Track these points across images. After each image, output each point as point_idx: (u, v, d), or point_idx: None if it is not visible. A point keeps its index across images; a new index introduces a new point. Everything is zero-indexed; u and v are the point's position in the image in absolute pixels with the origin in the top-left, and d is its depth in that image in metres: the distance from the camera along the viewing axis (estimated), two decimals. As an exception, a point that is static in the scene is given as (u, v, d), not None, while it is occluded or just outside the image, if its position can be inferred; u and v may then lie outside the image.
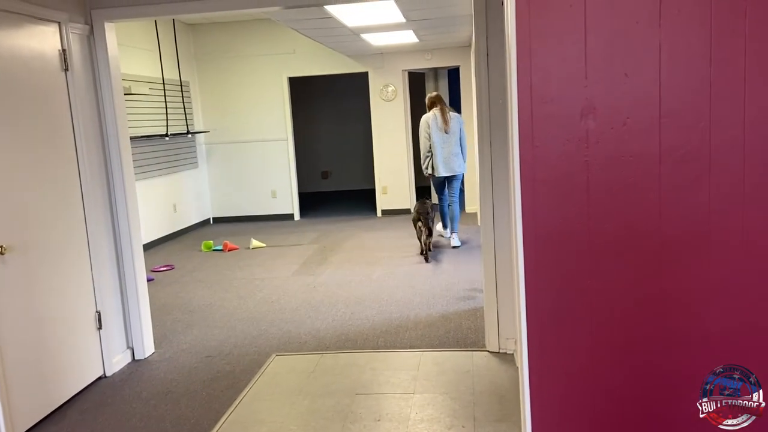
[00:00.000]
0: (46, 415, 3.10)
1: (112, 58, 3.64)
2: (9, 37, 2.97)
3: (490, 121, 3.43)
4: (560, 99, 1.78)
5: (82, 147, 3.43)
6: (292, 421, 2.95)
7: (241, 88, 8.61)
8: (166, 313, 4.73)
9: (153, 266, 6.18)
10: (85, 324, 3.43)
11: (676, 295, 1.80)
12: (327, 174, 11.70)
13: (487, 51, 3.37)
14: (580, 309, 1.85)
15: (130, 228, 3.76)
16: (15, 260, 2.92)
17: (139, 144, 6.83)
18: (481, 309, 4.35)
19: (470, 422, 2.84)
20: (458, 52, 8.34)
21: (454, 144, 6.39)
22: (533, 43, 1.77)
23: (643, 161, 1.76)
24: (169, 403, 3.23)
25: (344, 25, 5.75)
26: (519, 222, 1.86)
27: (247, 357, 3.78)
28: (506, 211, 3.43)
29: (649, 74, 1.74)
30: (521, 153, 1.82)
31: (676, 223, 1.77)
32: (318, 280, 5.46)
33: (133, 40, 6.97)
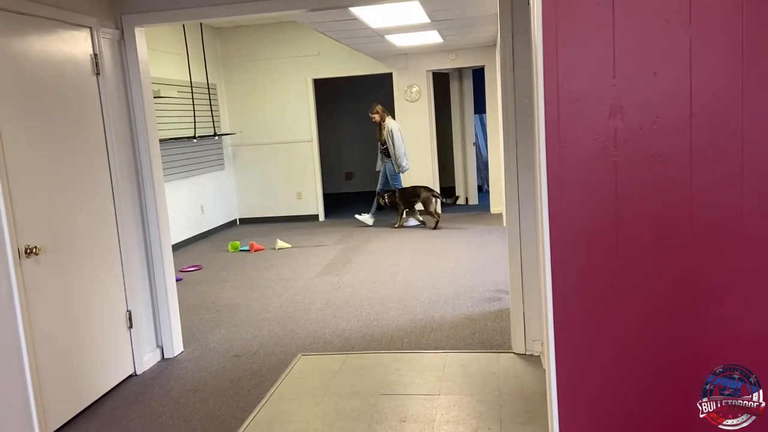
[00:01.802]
0: (79, 412, 3.17)
1: (142, 62, 3.71)
2: (42, 42, 3.04)
3: (515, 121, 3.41)
4: (587, 98, 1.76)
5: (113, 149, 3.50)
6: (318, 420, 2.97)
7: (266, 91, 8.69)
8: (194, 313, 4.79)
9: (181, 266, 6.27)
10: (116, 323, 3.50)
11: (708, 297, 1.77)
12: (351, 175, 11.73)
13: (513, 50, 3.36)
14: (607, 310, 1.83)
15: (160, 229, 3.83)
16: (48, 260, 2.99)
17: (168, 146, 6.95)
18: (506, 310, 4.32)
19: (496, 424, 2.83)
20: (483, 51, 8.30)
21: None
22: (560, 42, 1.76)
23: (672, 161, 1.74)
24: (197, 401, 3.28)
25: (368, 26, 5.77)
26: (546, 222, 1.85)
27: (273, 356, 3.82)
28: (532, 212, 3.40)
29: (678, 72, 1.71)
30: (548, 153, 1.81)
31: (708, 225, 1.74)
32: (343, 280, 5.49)
33: (162, 44, 7.09)
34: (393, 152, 7.80)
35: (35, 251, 2.87)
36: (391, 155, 7.82)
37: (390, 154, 7.84)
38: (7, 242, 2.72)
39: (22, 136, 2.88)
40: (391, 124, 7.81)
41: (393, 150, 7.79)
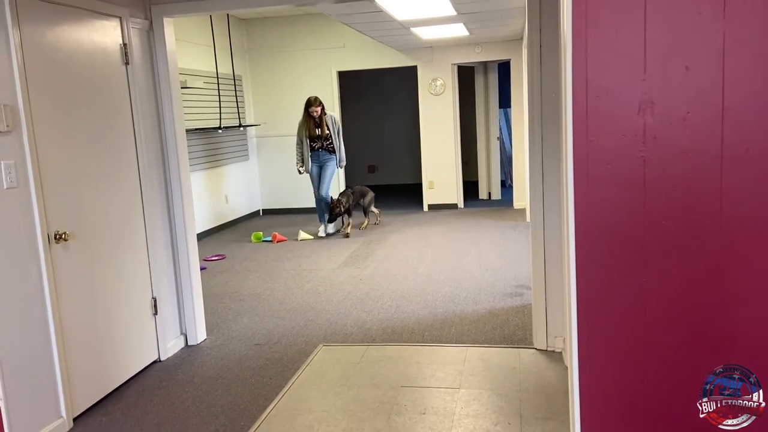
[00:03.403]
0: (105, 395, 3.24)
1: (170, 53, 3.75)
2: (74, 31, 3.10)
3: (541, 116, 3.38)
4: (617, 93, 1.74)
5: (141, 139, 3.55)
6: (338, 410, 2.99)
7: (291, 82, 8.73)
8: (218, 302, 4.85)
9: (205, 255, 6.35)
10: (142, 309, 3.56)
11: (736, 297, 1.74)
12: (374, 168, 11.74)
13: (541, 44, 3.32)
14: (632, 308, 1.81)
15: (185, 218, 3.88)
16: (77, 247, 3.05)
17: (193, 136, 7.03)
18: (528, 306, 4.30)
19: (516, 419, 2.82)
20: (509, 45, 8.22)
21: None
22: (590, 35, 1.74)
23: (703, 157, 1.71)
24: (220, 388, 3.32)
25: (394, 18, 5.75)
26: (571, 218, 1.83)
27: (294, 346, 3.85)
28: (556, 208, 3.37)
29: (711, 67, 1.68)
30: (575, 148, 1.79)
31: (739, 223, 1.71)
32: (364, 273, 5.51)
33: (189, 35, 7.15)
34: (339, 146, 7.01)
35: (64, 237, 2.93)
36: (337, 150, 6.99)
37: (335, 150, 6.99)
38: (38, 228, 2.78)
39: (54, 124, 2.94)
40: (332, 114, 7.06)
41: (340, 144, 7.01)
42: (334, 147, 6.96)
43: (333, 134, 6.92)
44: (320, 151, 6.95)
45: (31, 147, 2.75)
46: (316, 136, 6.89)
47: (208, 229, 7.58)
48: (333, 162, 7.02)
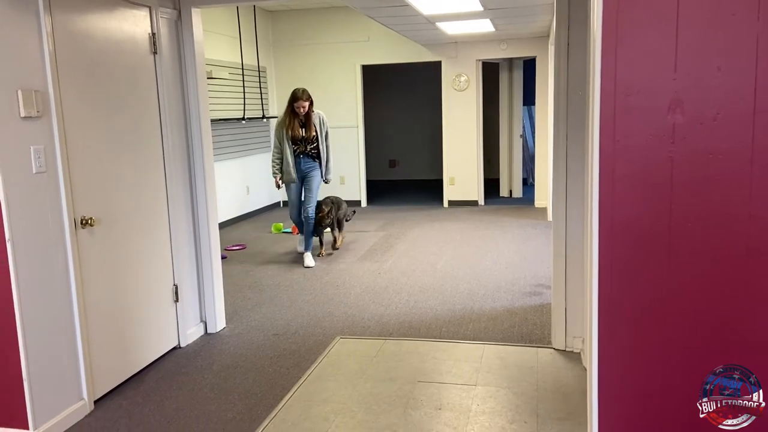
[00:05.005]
0: (125, 379, 3.29)
1: (197, 43, 3.78)
2: (104, 19, 3.13)
3: (567, 114, 3.34)
4: (646, 91, 1.72)
5: (167, 127, 3.59)
6: (354, 402, 3.01)
7: (315, 75, 8.75)
8: (237, 291, 4.90)
9: (226, 245, 6.41)
10: (163, 296, 3.61)
11: (762, 301, 1.71)
12: (395, 163, 11.74)
13: (568, 41, 3.28)
14: (655, 310, 1.79)
15: (208, 207, 3.92)
16: (102, 232, 3.10)
17: (217, 126, 7.08)
18: (547, 305, 4.27)
19: (533, 418, 2.81)
20: (535, 42, 8.14)
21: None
22: (620, 33, 1.72)
23: (733, 159, 1.68)
24: (237, 376, 3.36)
25: (420, 12, 5.73)
26: (595, 218, 1.81)
27: (312, 337, 3.88)
28: (579, 207, 3.34)
29: (744, 68, 1.65)
30: (601, 146, 1.77)
31: (767, 227, 1.68)
32: (383, 267, 5.51)
33: (216, 26, 7.20)
34: (326, 153, 5.66)
35: (90, 222, 2.97)
36: (323, 158, 5.65)
37: (321, 157, 5.64)
38: (65, 213, 2.83)
39: (82, 111, 2.98)
40: (320, 112, 5.69)
41: (327, 150, 5.65)
42: (320, 153, 5.62)
43: (320, 137, 5.59)
44: (302, 158, 5.57)
45: (60, 133, 2.79)
46: (300, 138, 5.51)
47: (230, 218, 7.65)
48: (317, 171, 5.65)
